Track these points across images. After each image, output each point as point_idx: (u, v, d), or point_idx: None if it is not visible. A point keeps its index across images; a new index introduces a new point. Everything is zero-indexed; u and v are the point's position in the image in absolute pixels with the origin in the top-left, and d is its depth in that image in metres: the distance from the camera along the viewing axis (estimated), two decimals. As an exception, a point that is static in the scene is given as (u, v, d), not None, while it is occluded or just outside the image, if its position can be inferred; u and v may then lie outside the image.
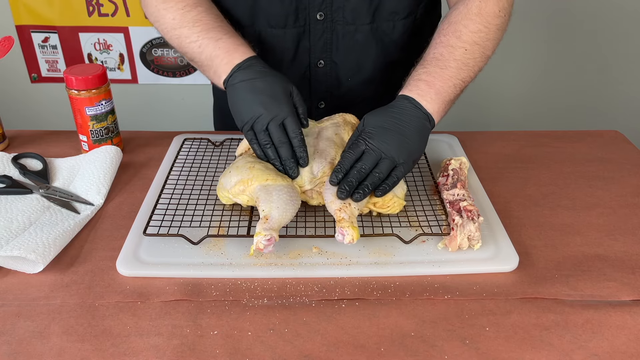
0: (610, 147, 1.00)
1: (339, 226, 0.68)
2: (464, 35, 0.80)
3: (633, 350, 0.59)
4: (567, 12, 1.90)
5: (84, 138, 0.94)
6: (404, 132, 0.75)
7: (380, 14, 0.91)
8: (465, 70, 0.80)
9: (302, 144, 0.75)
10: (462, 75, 0.80)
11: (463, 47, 0.80)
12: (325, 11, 0.89)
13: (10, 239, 0.72)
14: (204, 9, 0.85)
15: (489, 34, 0.82)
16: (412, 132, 0.75)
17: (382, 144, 0.73)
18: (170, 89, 2.02)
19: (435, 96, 0.77)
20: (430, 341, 0.60)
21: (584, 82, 2.04)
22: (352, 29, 0.91)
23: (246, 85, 0.77)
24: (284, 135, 0.75)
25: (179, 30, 0.84)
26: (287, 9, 0.89)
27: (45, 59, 1.94)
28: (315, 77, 0.98)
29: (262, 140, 0.76)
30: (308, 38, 0.92)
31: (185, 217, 0.77)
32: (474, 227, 0.71)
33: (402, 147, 0.74)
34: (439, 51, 0.81)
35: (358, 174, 0.72)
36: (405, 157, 0.74)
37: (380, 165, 0.73)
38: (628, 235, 0.77)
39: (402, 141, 0.74)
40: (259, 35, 0.93)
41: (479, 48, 0.81)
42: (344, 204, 0.71)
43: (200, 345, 0.59)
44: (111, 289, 0.67)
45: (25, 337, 0.60)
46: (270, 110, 0.75)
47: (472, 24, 0.81)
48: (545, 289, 0.67)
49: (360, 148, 0.74)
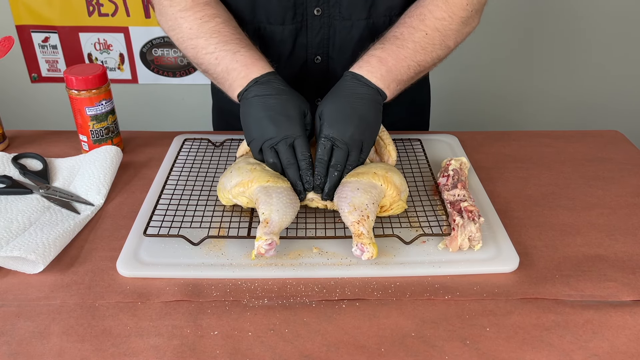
0: (610, 147, 1.00)
1: (357, 241, 0.67)
2: (427, 20, 0.82)
3: (633, 350, 0.59)
4: (567, 12, 1.90)
5: (84, 138, 0.94)
6: (359, 114, 0.76)
7: (376, 9, 0.91)
8: (422, 53, 0.81)
9: (309, 167, 0.74)
10: (418, 58, 0.81)
11: (424, 31, 0.81)
12: (323, 7, 0.90)
13: (10, 239, 0.72)
14: (222, 20, 0.84)
15: (452, 24, 0.83)
16: (366, 111, 0.76)
17: (343, 134, 0.74)
18: (170, 89, 2.02)
19: (387, 73, 0.79)
20: (431, 341, 0.60)
21: (584, 82, 2.04)
22: (348, 25, 0.92)
23: (260, 101, 0.76)
24: (292, 156, 0.75)
25: (195, 41, 0.84)
26: (286, 4, 0.89)
27: (45, 59, 1.94)
28: (312, 73, 0.98)
29: (268, 159, 0.76)
30: (305, 34, 0.93)
31: (186, 217, 0.77)
32: (475, 228, 0.71)
33: (363, 129, 0.75)
34: (399, 30, 0.83)
35: (337, 173, 0.74)
36: (368, 138, 0.76)
37: (352, 156, 0.75)
38: (628, 235, 0.77)
39: (360, 124, 0.75)
40: (258, 31, 0.93)
41: (440, 35, 0.83)
42: (362, 216, 0.69)
43: (200, 346, 0.59)
44: (111, 289, 0.66)
45: (25, 337, 0.60)
46: (281, 129, 0.74)
47: (437, 10, 0.82)
48: (546, 289, 0.67)
49: (327, 146, 0.75)
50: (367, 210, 0.70)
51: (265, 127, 0.75)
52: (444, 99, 1.79)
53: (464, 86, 2.03)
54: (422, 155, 0.93)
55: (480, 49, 1.93)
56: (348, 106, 0.76)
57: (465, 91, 2.05)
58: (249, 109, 0.77)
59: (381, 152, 0.85)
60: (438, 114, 1.31)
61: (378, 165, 0.78)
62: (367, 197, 0.71)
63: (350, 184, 0.73)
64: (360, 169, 0.77)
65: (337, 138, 0.74)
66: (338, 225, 0.76)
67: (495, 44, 1.94)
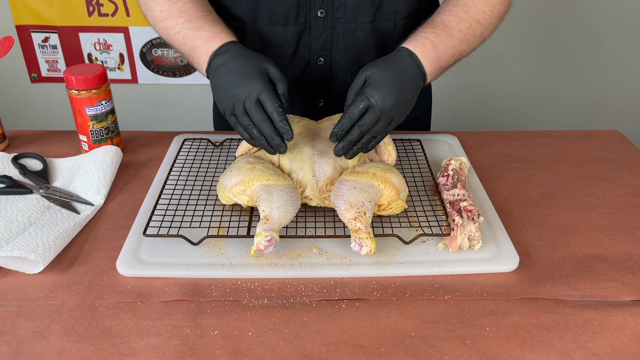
0: (610, 147, 1.00)
1: (355, 236, 0.68)
2: (471, 12, 0.83)
3: (633, 350, 0.59)
4: (568, 12, 1.90)
5: (84, 138, 0.94)
6: (404, 91, 0.75)
7: (382, 12, 0.91)
8: (465, 44, 0.82)
9: (281, 117, 0.72)
10: (461, 48, 0.82)
11: (468, 22, 0.82)
12: (327, 9, 0.89)
13: (10, 239, 0.72)
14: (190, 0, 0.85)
15: (492, 19, 0.85)
16: (411, 91, 0.76)
17: (384, 102, 0.72)
18: (170, 89, 2.02)
19: (436, 60, 0.79)
20: (431, 341, 0.60)
21: (584, 82, 2.04)
22: (352, 27, 0.92)
23: (222, 71, 0.76)
24: (261, 112, 0.73)
25: (165, 22, 0.85)
26: (288, 6, 0.89)
27: (45, 59, 1.94)
28: (314, 75, 0.98)
29: (244, 122, 0.74)
30: (308, 35, 0.93)
31: (185, 217, 0.77)
32: (474, 227, 0.71)
33: (401, 106, 0.75)
34: (447, 18, 0.83)
35: (359, 132, 0.73)
36: (400, 116, 0.76)
37: (378, 125, 0.74)
38: (628, 235, 0.77)
39: (402, 100, 0.75)
40: (261, 32, 0.93)
41: (481, 28, 0.84)
42: (358, 213, 0.70)
43: (200, 346, 0.59)
44: (111, 289, 0.66)
45: (25, 337, 0.60)
46: (242, 89, 0.73)
47: (480, 3, 0.84)
48: (546, 289, 0.67)
49: (363, 105, 0.73)
50: (364, 207, 0.70)
51: (228, 93, 0.74)
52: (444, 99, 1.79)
53: (465, 86, 2.03)
54: (422, 155, 0.93)
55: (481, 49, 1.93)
56: (399, 79, 0.75)
57: (465, 91, 2.05)
58: (215, 81, 0.77)
59: (381, 152, 0.85)
60: (438, 114, 1.31)
61: (377, 165, 0.78)
62: (363, 196, 0.71)
63: (348, 183, 0.74)
64: (359, 168, 0.77)
65: (376, 103, 0.72)
66: (338, 225, 0.76)
67: (496, 44, 1.94)
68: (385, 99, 0.72)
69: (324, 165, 0.78)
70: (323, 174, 0.77)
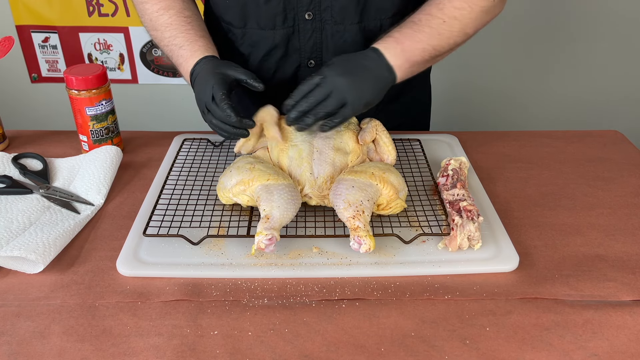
0: (610, 147, 1.00)
1: (354, 234, 0.68)
2: (445, 9, 0.83)
3: (633, 350, 0.59)
4: (568, 12, 1.90)
5: (84, 138, 0.94)
6: (361, 74, 0.78)
7: (368, 12, 0.91)
8: (437, 38, 0.83)
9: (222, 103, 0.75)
10: (433, 42, 0.83)
11: (441, 19, 0.83)
12: (314, 11, 0.89)
13: (10, 239, 0.72)
14: (175, 12, 0.89)
15: (472, 14, 0.84)
16: (369, 76, 0.78)
17: (336, 79, 0.76)
18: (170, 89, 2.02)
19: (401, 53, 0.81)
20: (431, 341, 0.60)
21: (583, 82, 2.04)
22: (340, 29, 0.92)
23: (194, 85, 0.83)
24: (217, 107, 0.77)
25: (153, 32, 0.92)
26: (275, 9, 0.89)
27: (45, 59, 1.94)
28: (306, 77, 0.98)
29: (210, 121, 0.79)
30: (297, 38, 0.93)
31: (185, 217, 0.77)
32: (474, 227, 0.71)
33: (355, 86, 0.77)
34: (417, 17, 0.84)
35: (307, 104, 0.76)
36: (355, 97, 0.77)
37: (329, 102, 0.76)
38: (628, 236, 0.77)
39: (356, 81, 0.77)
40: (251, 37, 0.94)
41: (458, 23, 0.84)
42: (357, 211, 0.70)
43: (200, 346, 0.59)
44: (111, 289, 0.67)
45: (25, 337, 0.60)
46: (203, 93, 0.78)
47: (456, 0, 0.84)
48: (546, 289, 0.67)
49: (314, 80, 0.77)
50: (362, 206, 0.71)
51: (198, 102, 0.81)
52: (444, 99, 1.80)
53: (465, 86, 2.03)
54: (422, 155, 0.93)
55: (481, 49, 1.93)
56: (354, 63, 0.79)
57: (465, 91, 2.05)
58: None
59: (381, 152, 0.85)
60: (438, 114, 1.31)
61: (376, 165, 0.78)
62: (361, 195, 0.72)
63: (346, 182, 0.74)
64: (358, 168, 0.77)
65: (325, 77, 0.76)
66: (338, 225, 0.76)
67: (495, 44, 1.94)
68: (336, 76, 0.76)
69: (323, 163, 0.78)
70: (322, 172, 0.77)
